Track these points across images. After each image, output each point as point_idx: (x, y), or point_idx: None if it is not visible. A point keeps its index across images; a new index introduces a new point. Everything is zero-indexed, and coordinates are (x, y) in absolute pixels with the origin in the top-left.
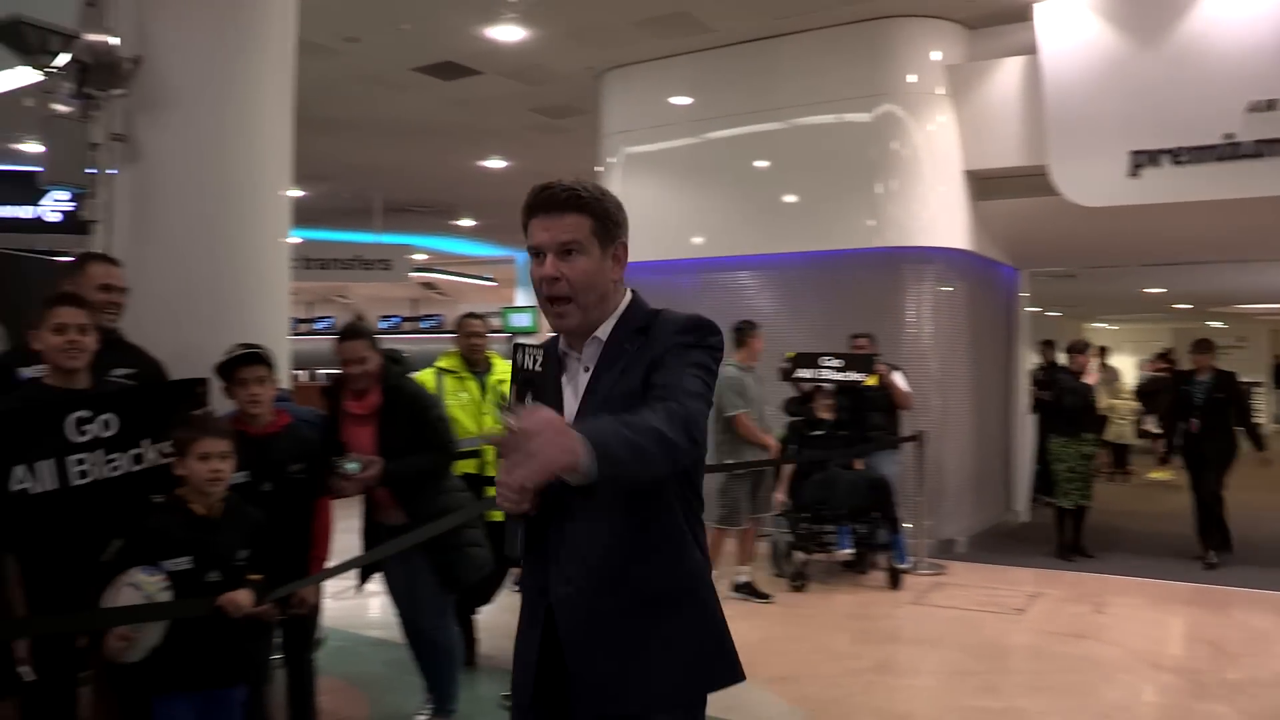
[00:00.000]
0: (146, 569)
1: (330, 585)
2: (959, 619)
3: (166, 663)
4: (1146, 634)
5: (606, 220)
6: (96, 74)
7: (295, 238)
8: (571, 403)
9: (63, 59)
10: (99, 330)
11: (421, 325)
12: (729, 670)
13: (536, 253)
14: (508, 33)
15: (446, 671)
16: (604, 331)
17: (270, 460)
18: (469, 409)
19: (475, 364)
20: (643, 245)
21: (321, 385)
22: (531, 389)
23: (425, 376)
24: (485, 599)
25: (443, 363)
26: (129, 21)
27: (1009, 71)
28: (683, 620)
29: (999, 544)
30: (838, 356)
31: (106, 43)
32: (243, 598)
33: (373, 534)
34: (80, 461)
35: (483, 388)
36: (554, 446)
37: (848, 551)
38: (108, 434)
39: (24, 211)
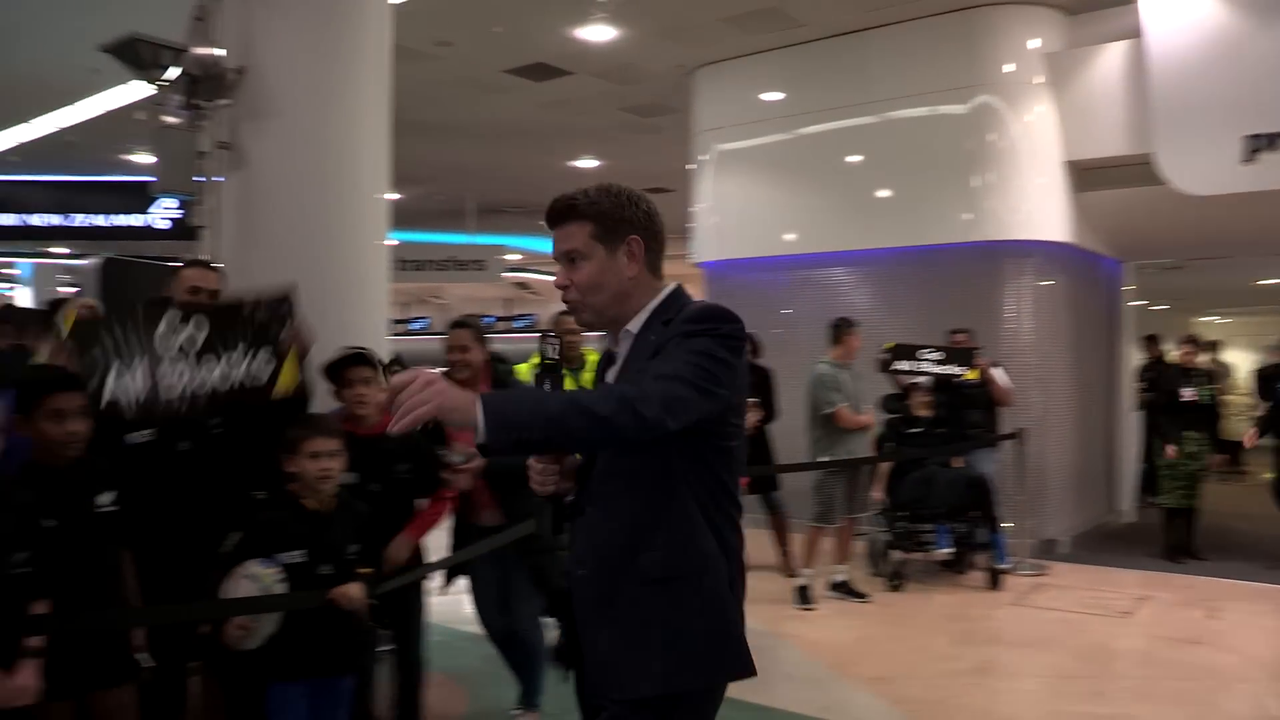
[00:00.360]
0: (263, 561)
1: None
2: (1062, 621)
3: (281, 651)
4: (1268, 642)
5: (607, 221)
6: (204, 85)
7: (392, 240)
8: None
9: (173, 72)
10: None
11: (515, 325)
12: (736, 662)
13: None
14: (598, 33)
15: (536, 669)
16: (635, 325)
17: (377, 461)
18: None
19: (570, 360)
20: (735, 243)
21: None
22: (551, 376)
23: (522, 370)
24: None
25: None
26: (233, 34)
27: (1111, 57)
28: (686, 608)
29: (1103, 545)
30: (938, 349)
31: (213, 55)
32: (354, 591)
33: (463, 535)
34: (171, 372)
35: (577, 384)
36: (446, 396)
37: (946, 551)
38: (196, 346)
39: (135, 220)
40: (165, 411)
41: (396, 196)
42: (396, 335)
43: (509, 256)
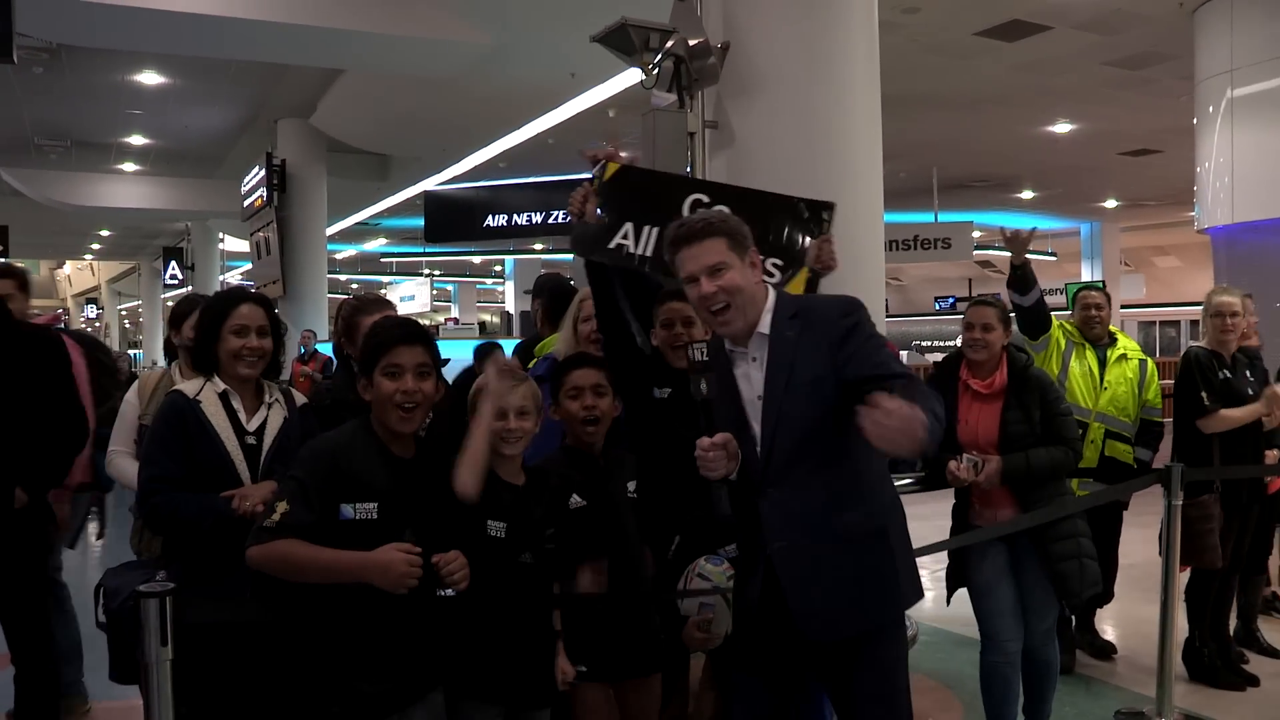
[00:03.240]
0: (713, 559)
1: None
2: None
3: (737, 645)
4: None
5: (737, 236)
6: (690, 66)
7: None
8: (748, 390)
9: (660, 55)
10: None
11: None
12: (915, 590)
13: (691, 279)
14: None
15: (1048, 686)
16: (764, 326)
17: None
18: (1083, 381)
19: (1094, 337)
20: (1253, 203)
21: (935, 362)
22: (707, 375)
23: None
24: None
25: (1059, 334)
26: (715, 12)
27: None
28: (879, 555)
29: None
30: None
31: (698, 35)
32: None
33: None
34: None
35: (1101, 362)
36: (902, 432)
37: None
38: None
39: None
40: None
41: None
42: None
43: (975, 234)
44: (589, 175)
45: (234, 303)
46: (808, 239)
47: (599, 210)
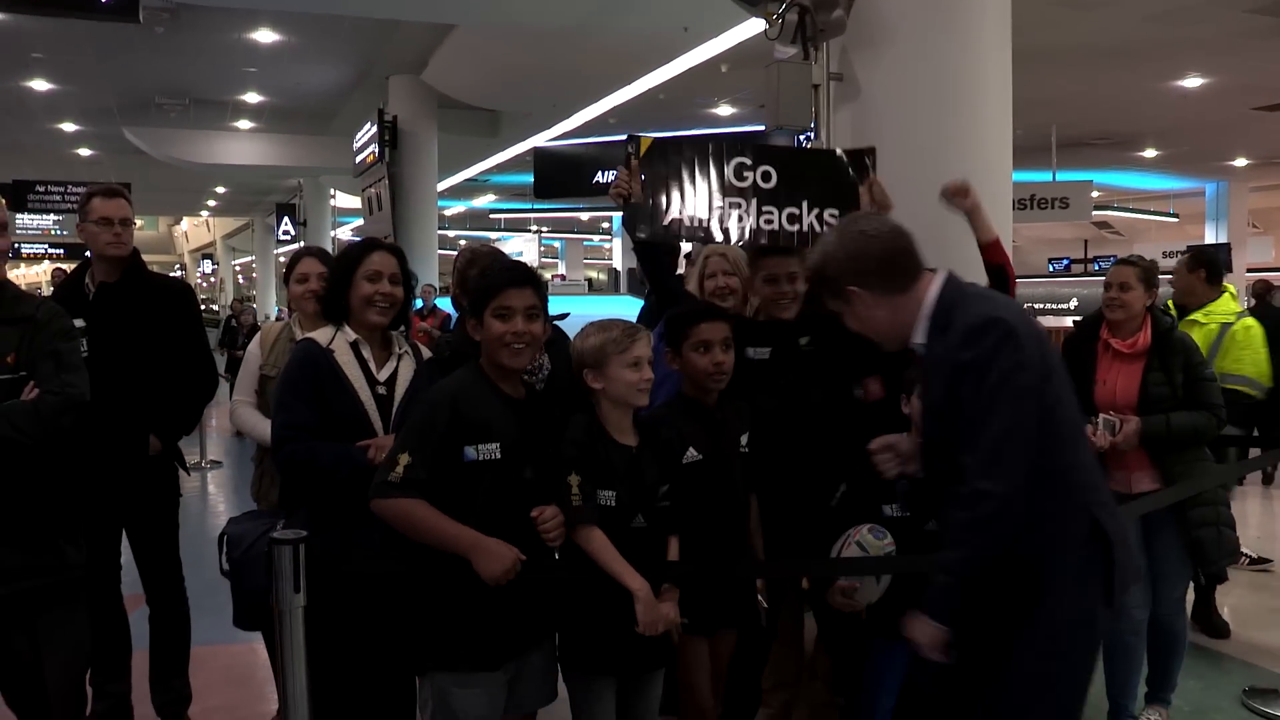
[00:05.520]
0: (876, 531)
1: None
2: None
3: (885, 610)
4: None
5: (834, 287)
6: (815, 16)
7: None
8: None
9: (784, 6)
10: None
11: (1095, 267)
12: None
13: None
14: None
15: (1174, 659)
16: (919, 334)
17: None
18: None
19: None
20: None
21: (1075, 321)
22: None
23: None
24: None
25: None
26: None
27: None
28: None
29: None
30: None
31: None
32: None
33: None
34: (735, 206)
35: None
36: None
37: None
38: (767, 186)
39: None
40: (707, 238)
41: None
42: None
43: (1093, 194)
44: (700, 131)
45: (369, 249)
46: (860, 181)
47: (643, 184)
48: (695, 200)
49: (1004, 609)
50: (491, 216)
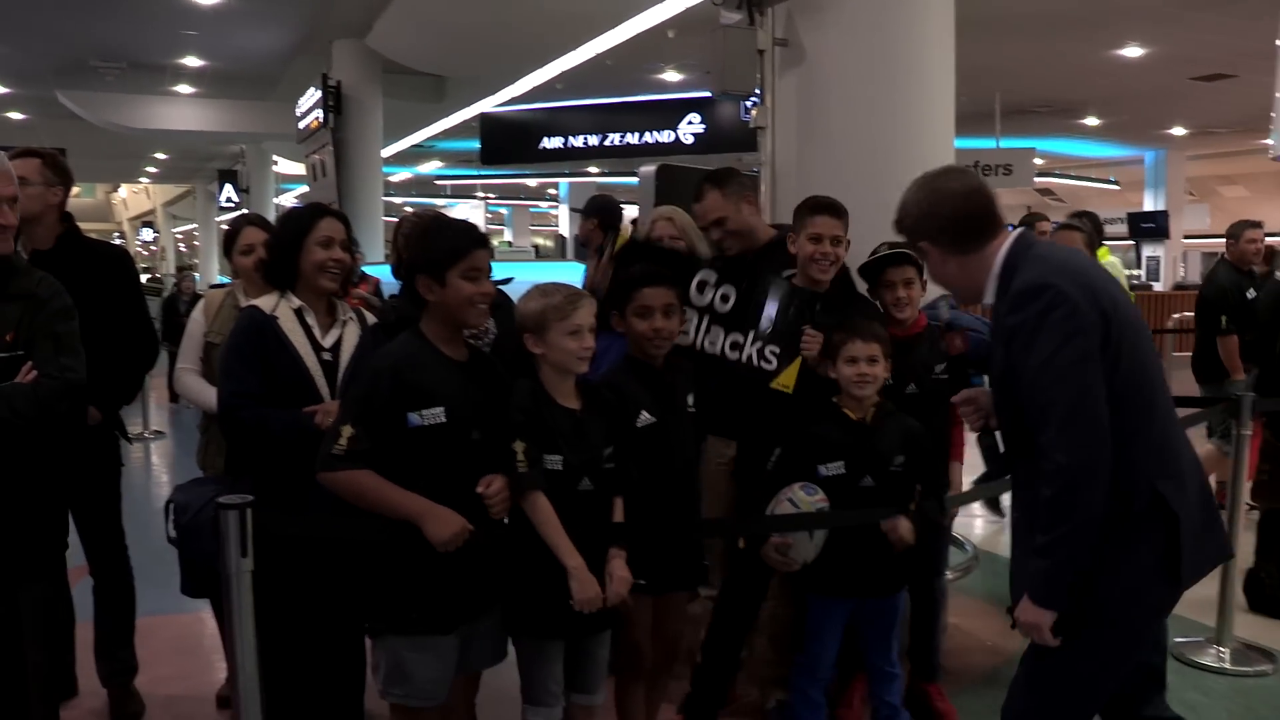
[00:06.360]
0: (807, 488)
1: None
2: None
3: (822, 567)
4: None
5: (919, 248)
6: None
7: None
8: None
9: None
10: None
11: None
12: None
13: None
14: None
15: None
16: (989, 295)
17: (913, 363)
18: None
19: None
20: None
21: None
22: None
23: None
24: None
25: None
26: None
27: None
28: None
29: None
30: None
31: None
32: (905, 531)
33: None
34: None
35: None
36: (1043, 638)
37: None
38: (723, 309)
39: (664, 136)
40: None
41: None
42: None
43: (1036, 161)
44: (646, 98)
45: (317, 215)
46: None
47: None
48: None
49: None
50: (438, 183)
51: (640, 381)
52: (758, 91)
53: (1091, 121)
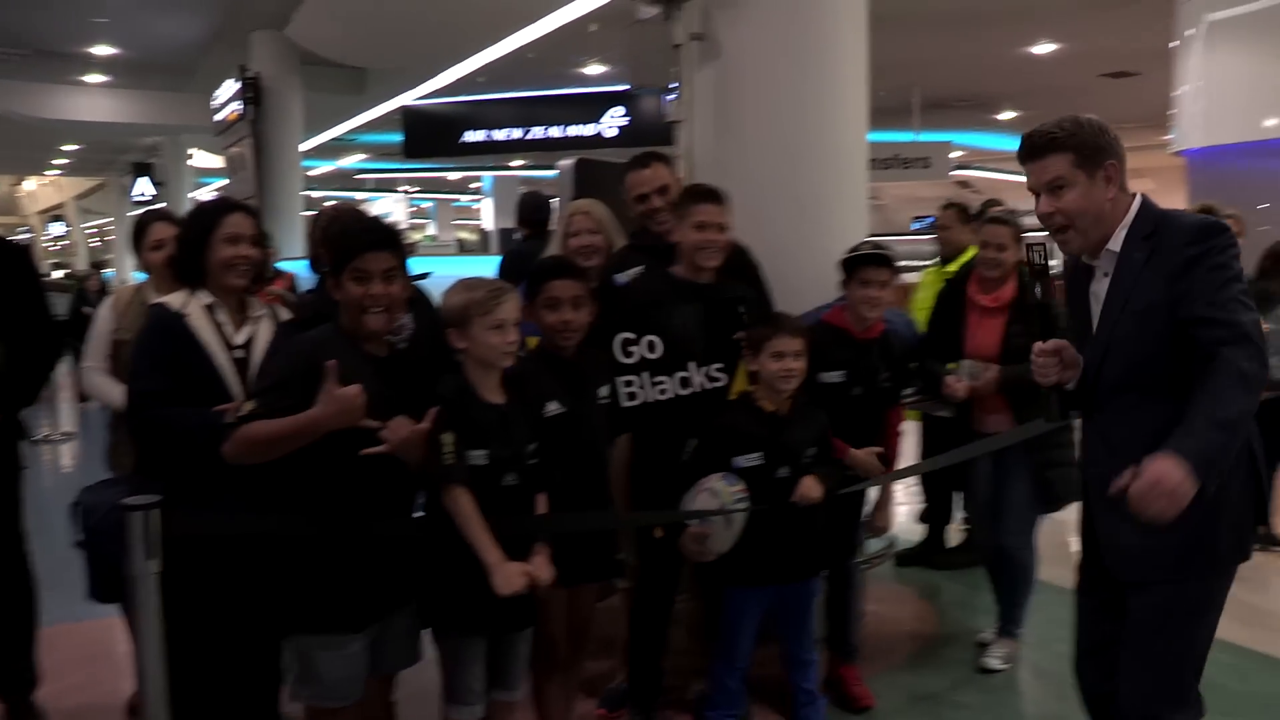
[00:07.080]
0: (727, 478)
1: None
2: None
3: (739, 556)
4: None
5: (1086, 149)
6: None
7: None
8: (1095, 307)
9: None
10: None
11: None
12: (1236, 551)
13: (1034, 193)
14: None
15: (1021, 591)
16: (1115, 243)
17: (865, 365)
18: None
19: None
20: (1226, 127)
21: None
22: (1043, 283)
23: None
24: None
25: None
26: None
27: None
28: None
29: None
30: None
31: None
32: (812, 489)
33: (963, 441)
34: (628, 384)
35: None
36: (1170, 503)
37: None
38: (654, 356)
39: (587, 129)
40: None
41: None
42: None
43: (954, 154)
44: (569, 91)
45: (225, 211)
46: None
47: None
48: None
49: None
50: (359, 177)
51: (551, 370)
52: (674, 85)
53: (1007, 115)
